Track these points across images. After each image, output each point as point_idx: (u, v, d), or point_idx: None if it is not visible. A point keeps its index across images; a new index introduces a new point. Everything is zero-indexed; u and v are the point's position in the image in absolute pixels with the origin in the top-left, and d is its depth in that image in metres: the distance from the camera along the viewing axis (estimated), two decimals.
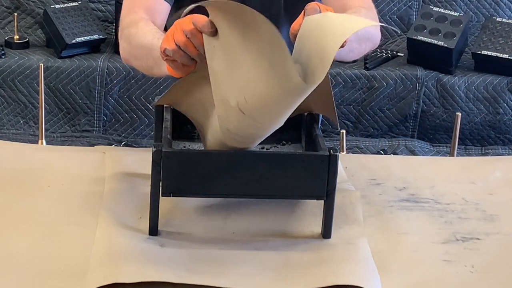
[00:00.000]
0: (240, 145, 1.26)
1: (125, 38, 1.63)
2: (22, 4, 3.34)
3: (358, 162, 1.60)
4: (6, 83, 3.10)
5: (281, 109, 1.17)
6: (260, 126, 1.21)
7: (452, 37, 3.14)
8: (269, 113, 1.17)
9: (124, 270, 1.14)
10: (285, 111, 1.18)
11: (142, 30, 1.57)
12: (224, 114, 1.22)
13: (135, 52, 1.58)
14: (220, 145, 1.29)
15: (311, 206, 1.35)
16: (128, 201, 1.35)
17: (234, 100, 1.17)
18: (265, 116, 1.18)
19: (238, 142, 1.25)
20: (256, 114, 1.17)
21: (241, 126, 1.21)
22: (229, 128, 1.22)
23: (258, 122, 1.19)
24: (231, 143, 1.26)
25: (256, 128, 1.22)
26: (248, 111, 1.17)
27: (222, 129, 1.24)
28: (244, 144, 1.26)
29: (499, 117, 3.16)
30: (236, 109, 1.17)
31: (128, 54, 1.62)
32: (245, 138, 1.25)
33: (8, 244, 1.24)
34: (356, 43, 1.57)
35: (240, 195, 1.28)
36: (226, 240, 1.26)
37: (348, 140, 3.07)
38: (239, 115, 1.18)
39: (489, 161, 1.69)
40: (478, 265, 1.26)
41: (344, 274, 1.17)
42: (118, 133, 3.14)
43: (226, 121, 1.22)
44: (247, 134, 1.23)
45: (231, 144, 1.26)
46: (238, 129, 1.22)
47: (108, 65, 3.10)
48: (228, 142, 1.26)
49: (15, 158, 1.53)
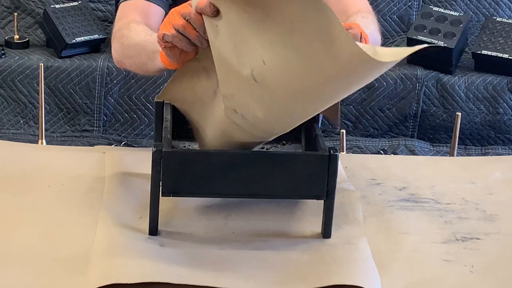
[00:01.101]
0: (243, 135, 1.24)
1: (117, 40, 1.64)
2: (22, 4, 3.34)
3: (358, 162, 1.60)
4: (6, 83, 3.10)
5: (300, 77, 1.10)
6: (271, 101, 1.16)
7: (452, 37, 3.14)
8: (287, 77, 1.11)
9: (124, 270, 1.14)
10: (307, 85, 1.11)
11: (134, 30, 1.58)
12: (231, 89, 1.19)
13: (128, 51, 1.59)
14: (221, 141, 1.28)
15: (311, 206, 1.35)
16: (128, 201, 1.35)
17: (248, 67, 1.14)
18: (280, 81, 1.12)
19: (243, 131, 1.24)
20: (272, 80, 1.13)
21: (250, 102, 1.17)
22: (236, 107, 1.20)
23: (271, 92, 1.14)
24: (235, 132, 1.24)
25: (267, 106, 1.17)
26: (263, 76, 1.12)
27: (228, 111, 1.22)
28: (248, 134, 1.24)
29: (499, 117, 3.16)
30: (248, 79, 1.14)
31: (120, 54, 1.63)
32: (251, 125, 1.22)
33: (8, 243, 1.24)
34: None
35: (240, 195, 1.28)
36: (226, 240, 1.26)
37: (348, 140, 3.07)
38: (250, 85, 1.14)
39: (489, 161, 1.69)
40: (478, 265, 1.26)
41: (344, 274, 1.17)
42: (118, 133, 3.14)
43: (234, 99, 1.20)
44: (254, 116, 1.20)
45: (234, 135, 1.25)
46: (246, 107, 1.19)
47: (108, 65, 3.10)
48: (232, 132, 1.24)
49: (15, 158, 1.53)
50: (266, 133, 1.26)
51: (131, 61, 1.59)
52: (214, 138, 1.32)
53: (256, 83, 1.14)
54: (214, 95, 1.29)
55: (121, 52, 1.62)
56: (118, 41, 1.63)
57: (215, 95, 1.29)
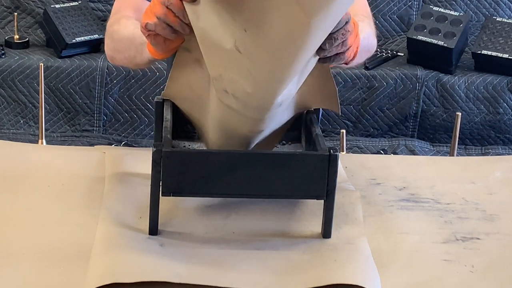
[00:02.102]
0: (239, 121, 1.24)
1: (108, 36, 1.66)
2: (22, 4, 3.34)
3: (358, 162, 1.60)
4: (6, 83, 3.10)
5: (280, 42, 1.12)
6: (257, 72, 1.17)
7: (452, 37, 3.14)
8: (269, 43, 1.13)
9: (124, 270, 1.14)
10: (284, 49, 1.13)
11: (124, 25, 1.60)
12: (219, 69, 1.20)
13: (118, 45, 1.61)
14: (221, 134, 1.28)
15: (311, 206, 1.35)
16: (128, 201, 1.35)
17: (231, 39, 1.15)
18: (262, 46, 1.13)
19: (238, 115, 1.23)
20: (254, 46, 1.13)
21: (239, 76, 1.18)
22: (226, 86, 1.20)
23: (256, 61, 1.15)
24: (231, 120, 1.24)
25: (254, 78, 1.17)
26: (246, 46, 1.13)
27: (220, 94, 1.22)
28: (244, 119, 1.24)
29: (499, 117, 3.16)
30: (233, 52, 1.15)
31: (112, 50, 1.65)
32: (244, 104, 1.22)
33: (8, 243, 1.24)
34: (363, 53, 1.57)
35: (240, 195, 1.28)
36: (226, 240, 1.26)
37: (348, 140, 3.07)
38: (236, 59, 1.15)
39: (489, 161, 1.69)
40: (478, 265, 1.26)
41: (344, 274, 1.17)
42: (118, 133, 3.14)
43: (222, 78, 1.20)
44: (244, 93, 1.20)
45: (231, 122, 1.24)
46: (236, 84, 1.19)
47: (108, 65, 3.10)
48: (229, 120, 1.24)
49: (15, 158, 1.53)
50: (259, 112, 1.25)
51: (121, 55, 1.61)
52: (213, 132, 1.32)
53: (241, 54, 1.15)
54: (209, 87, 1.30)
55: (112, 47, 1.64)
56: (109, 36, 1.66)
57: (209, 86, 1.30)
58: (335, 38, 1.20)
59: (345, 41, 1.24)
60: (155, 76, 3.10)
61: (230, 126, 1.28)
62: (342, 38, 1.21)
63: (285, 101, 1.26)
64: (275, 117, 1.30)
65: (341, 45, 1.23)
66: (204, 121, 1.36)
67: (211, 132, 1.33)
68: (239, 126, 1.28)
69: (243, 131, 1.30)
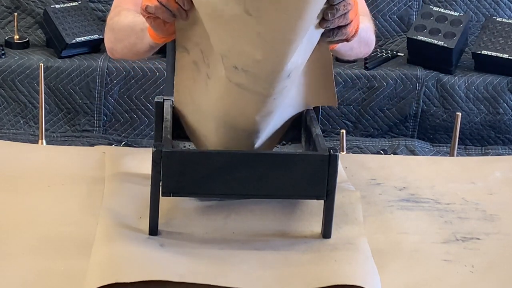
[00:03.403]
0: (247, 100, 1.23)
1: (109, 28, 1.69)
2: (22, 4, 3.34)
3: (358, 162, 1.60)
4: (6, 83, 3.10)
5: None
6: (267, 34, 1.17)
7: (452, 37, 3.14)
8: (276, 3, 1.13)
9: (124, 270, 1.14)
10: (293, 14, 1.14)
11: (124, 15, 1.64)
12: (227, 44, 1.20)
13: (118, 35, 1.64)
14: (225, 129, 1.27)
15: (311, 206, 1.35)
16: (128, 201, 1.35)
17: (239, 5, 1.15)
18: (274, 4, 1.13)
19: (247, 93, 1.22)
20: (264, 6, 1.14)
21: (248, 44, 1.18)
22: (236, 62, 1.20)
23: (266, 22, 1.15)
24: (238, 102, 1.23)
25: (264, 42, 1.17)
26: (256, 5, 1.14)
27: (229, 73, 1.21)
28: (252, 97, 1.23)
29: (499, 117, 3.16)
30: (242, 17, 1.15)
31: (112, 41, 1.67)
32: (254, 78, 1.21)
33: (8, 244, 1.24)
34: (357, 44, 1.59)
35: (240, 195, 1.28)
36: (226, 240, 1.26)
37: (348, 140, 3.07)
38: (245, 24, 1.15)
39: (489, 161, 1.69)
40: (478, 265, 1.26)
41: (344, 274, 1.17)
42: (118, 133, 3.14)
43: (231, 53, 1.20)
44: (254, 62, 1.19)
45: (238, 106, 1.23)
46: (245, 56, 1.19)
47: (108, 65, 3.10)
48: (236, 102, 1.23)
49: (15, 158, 1.53)
50: (270, 84, 1.24)
51: (121, 44, 1.63)
52: (216, 133, 1.31)
53: (251, 17, 1.15)
54: (206, 87, 1.29)
55: (113, 38, 1.67)
56: (109, 28, 1.69)
57: (207, 86, 1.29)
58: (337, 9, 1.23)
59: (347, 14, 1.27)
60: (155, 76, 3.10)
61: (238, 112, 1.26)
62: (344, 10, 1.24)
63: (293, 72, 1.24)
64: (283, 96, 1.28)
65: (343, 18, 1.26)
66: (203, 127, 1.36)
67: (213, 135, 1.33)
68: (248, 108, 1.26)
69: (252, 116, 1.28)
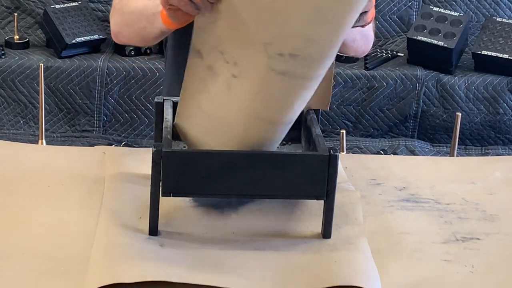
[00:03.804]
0: (286, 87, 1.21)
1: (117, 11, 1.66)
2: (22, 4, 3.34)
3: (358, 162, 1.60)
4: (6, 83, 3.10)
5: None
6: (328, 13, 1.14)
7: (452, 37, 3.14)
8: None
9: (124, 270, 1.14)
10: None
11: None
12: (273, 31, 1.17)
13: (127, 18, 1.61)
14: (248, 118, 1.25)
15: (311, 206, 1.35)
16: (128, 201, 1.35)
17: None
18: None
19: (288, 78, 1.20)
20: None
21: (299, 23, 1.15)
22: (282, 47, 1.17)
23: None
24: (281, 85, 1.20)
25: (323, 19, 1.15)
26: None
27: (274, 62, 1.18)
28: (300, 82, 1.21)
29: (499, 117, 3.16)
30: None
31: (119, 24, 1.64)
32: (304, 57, 1.18)
33: (8, 244, 1.24)
34: (359, 36, 1.60)
35: (240, 195, 1.28)
36: (226, 240, 1.26)
37: (348, 140, 3.07)
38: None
39: (489, 161, 1.69)
40: (478, 265, 1.26)
41: (344, 274, 1.17)
42: (118, 133, 3.15)
43: (278, 40, 1.17)
44: (306, 42, 1.17)
45: (273, 95, 1.21)
46: (294, 37, 1.16)
47: (108, 65, 3.10)
48: (278, 86, 1.20)
49: (15, 158, 1.53)
50: (320, 64, 1.21)
51: (130, 29, 1.61)
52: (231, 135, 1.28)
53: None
54: (229, 89, 1.25)
55: (121, 21, 1.64)
56: (117, 11, 1.66)
57: (229, 88, 1.25)
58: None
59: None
60: (155, 76, 3.11)
61: (276, 104, 1.23)
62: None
63: (333, 57, 1.23)
64: (318, 81, 1.26)
65: (369, 2, 1.29)
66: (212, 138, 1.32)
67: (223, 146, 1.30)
68: (289, 97, 1.23)
69: (291, 105, 1.25)
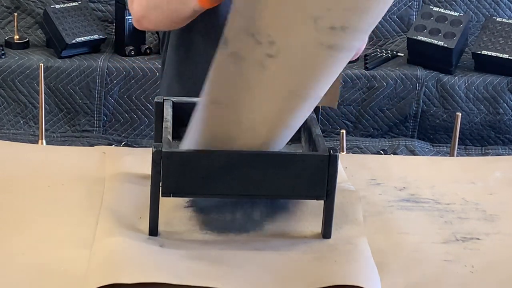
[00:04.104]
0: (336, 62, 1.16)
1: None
2: (22, 4, 3.34)
3: (358, 162, 1.60)
4: (6, 83, 3.10)
5: None
6: None
7: (452, 37, 3.14)
8: None
9: (124, 271, 1.14)
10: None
11: None
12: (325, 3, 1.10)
13: (155, 0, 1.57)
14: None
15: (311, 206, 1.34)
16: (128, 201, 1.35)
17: None
18: None
19: (340, 50, 1.15)
20: None
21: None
22: (334, 21, 1.10)
23: None
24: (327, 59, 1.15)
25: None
26: None
27: (324, 36, 1.11)
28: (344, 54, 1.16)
29: (499, 117, 3.16)
30: None
31: (145, 7, 1.60)
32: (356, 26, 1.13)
33: (8, 244, 1.24)
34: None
35: (240, 195, 1.28)
36: (226, 241, 1.26)
37: (348, 140, 3.07)
38: None
39: (489, 161, 1.69)
40: (478, 265, 1.26)
41: (344, 274, 1.17)
42: (118, 133, 3.15)
43: (330, 14, 1.10)
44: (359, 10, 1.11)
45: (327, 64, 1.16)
46: (349, 9, 1.10)
47: (108, 65, 3.10)
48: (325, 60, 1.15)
49: (15, 158, 1.53)
50: (366, 33, 1.18)
51: (158, 11, 1.58)
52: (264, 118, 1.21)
53: None
54: (263, 71, 1.15)
55: (146, 4, 1.59)
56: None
57: (264, 69, 1.15)
58: None
59: None
60: (155, 76, 3.11)
61: (323, 78, 1.18)
62: None
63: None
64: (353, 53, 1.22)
65: None
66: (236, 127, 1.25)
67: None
68: (336, 70, 1.19)
69: (336, 76, 1.21)
